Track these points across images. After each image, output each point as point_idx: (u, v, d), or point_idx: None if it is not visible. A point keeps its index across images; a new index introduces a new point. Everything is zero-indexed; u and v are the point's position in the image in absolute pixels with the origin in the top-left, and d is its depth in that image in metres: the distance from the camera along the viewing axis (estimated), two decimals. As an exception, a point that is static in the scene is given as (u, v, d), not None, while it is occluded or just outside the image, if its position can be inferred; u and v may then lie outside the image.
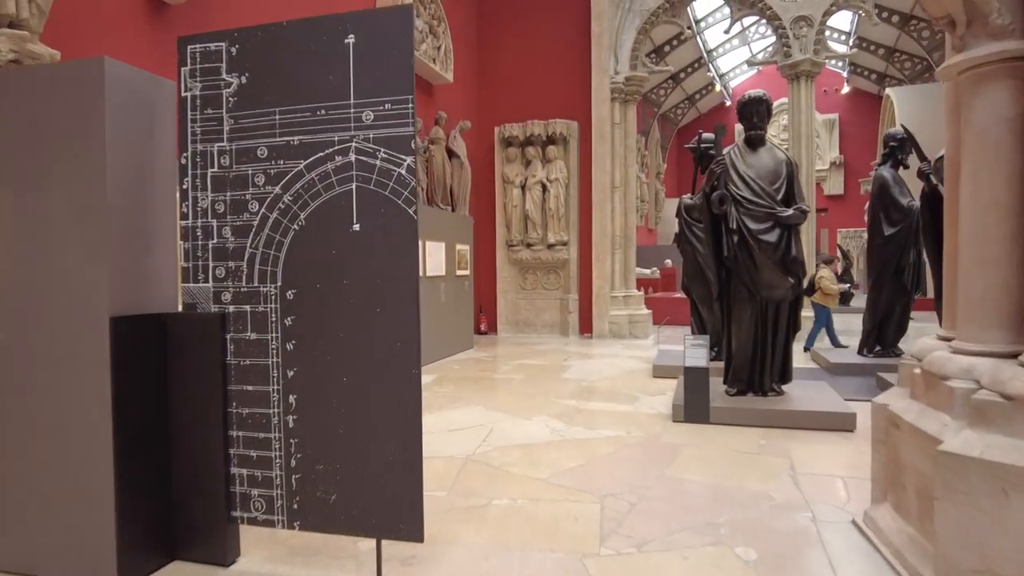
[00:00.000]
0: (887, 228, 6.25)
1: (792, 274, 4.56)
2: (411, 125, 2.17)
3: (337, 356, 2.26)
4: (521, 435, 4.18)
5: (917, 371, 2.47)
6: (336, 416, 2.27)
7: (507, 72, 10.33)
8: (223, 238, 2.38)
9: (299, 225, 2.30)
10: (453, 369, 6.89)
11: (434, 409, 4.95)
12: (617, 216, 9.68)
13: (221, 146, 2.38)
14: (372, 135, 2.21)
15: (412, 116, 2.18)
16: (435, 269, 7.46)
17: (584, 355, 7.99)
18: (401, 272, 2.19)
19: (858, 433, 4.19)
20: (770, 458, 3.69)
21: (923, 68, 17.29)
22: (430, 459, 3.65)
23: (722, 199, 4.55)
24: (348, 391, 2.26)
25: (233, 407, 2.38)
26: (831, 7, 8.63)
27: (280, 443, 2.34)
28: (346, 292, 2.24)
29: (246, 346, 2.37)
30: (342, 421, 2.27)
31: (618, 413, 4.81)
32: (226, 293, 2.39)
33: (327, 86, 2.27)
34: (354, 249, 2.23)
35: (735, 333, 4.74)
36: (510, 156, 10.04)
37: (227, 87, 2.37)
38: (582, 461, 3.62)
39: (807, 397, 4.68)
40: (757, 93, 4.68)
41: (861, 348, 6.70)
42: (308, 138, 2.29)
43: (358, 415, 2.25)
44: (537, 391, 5.65)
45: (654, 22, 9.41)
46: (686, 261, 6.63)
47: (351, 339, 2.24)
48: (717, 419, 4.44)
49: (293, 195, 2.30)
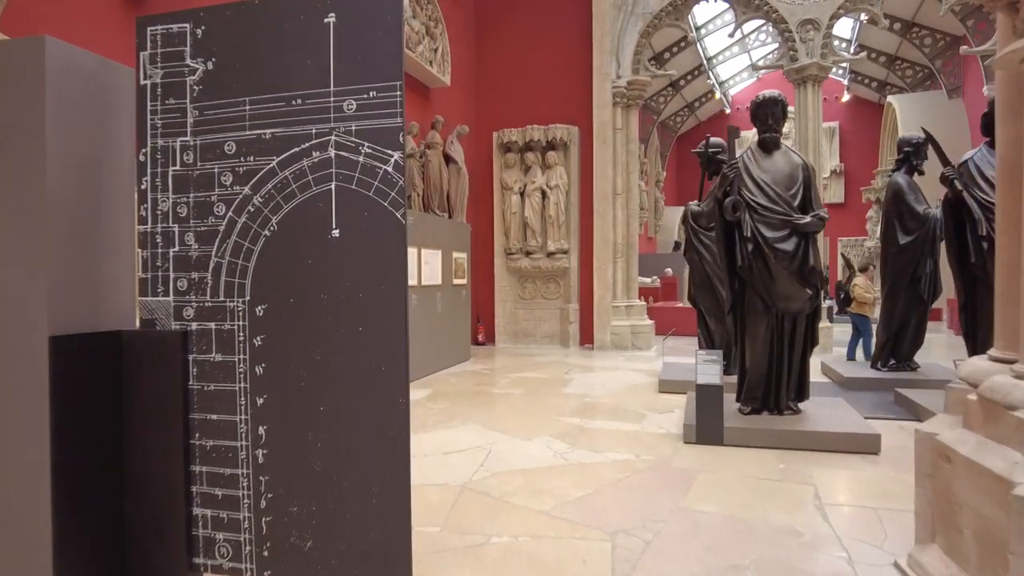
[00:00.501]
0: (902, 237, 5.99)
1: (810, 285, 4.28)
2: (399, 116, 1.89)
3: (313, 381, 1.97)
4: (521, 458, 3.88)
5: (972, 398, 2.18)
6: (312, 451, 1.97)
7: (506, 76, 10.08)
8: (186, 245, 2.09)
9: (271, 230, 2.01)
10: (449, 383, 6.59)
11: (428, 428, 4.65)
12: (619, 224, 9.41)
13: (184, 141, 2.09)
14: (355, 127, 1.93)
15: (400, 106, 1.89)
16: (431, 278, 7.17)
17: (586, 368, 7.69)
18: (387, 285, 1.90)
19: (883, 456, 3.90)
20: (792, 485, 3.40)
21: (925, 76, 17.13)
22: (422, 487, 3.36)
23: (736, 205, 4.28)
24: (325, 422, 1.96)
25: (196, 439, 2.08)
26: (838, 10, 8.41)
27: (248, 481, 2.04)
28: (323, 308, 1.95)
29: (211, 369, 2.07)
30: (319, 456, 1.97)
31: (625, 433, 4.51)
32: (188, 308, 2.09)
33: (304, 72, 1.98)
34: (333, 258, 1.94)
35: (749, 347, 4.46)
36: (509, 162, 9.77)
37: (191, 74, 2.08)
38: (589, 489, 3.32)
39: (825, 416, 4.39)
40: (772, 93, 4.42)
41: (875, 362, 6.42)
42: (282, 131, 2.00)
43: (337, 450, 1.95)
44: (537, 408, 5.34)
45: (657, 25, 9.18)
46: (693, 271, 6.35)
47: (329, 362, 1.95)
48: (731, 440, 4.15)
49: (264, 196, 2.01)
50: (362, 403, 1.92)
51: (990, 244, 4.36)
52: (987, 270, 4.41)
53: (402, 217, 1.88)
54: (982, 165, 4.50)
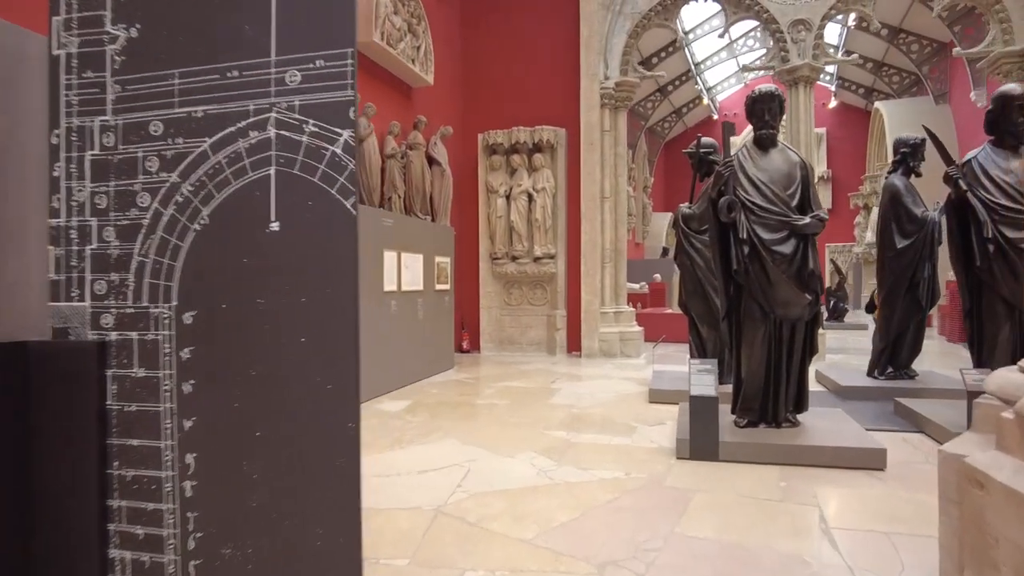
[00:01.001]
0: (900, 240, 5.79)
1: (810, 290, 4.04)
2: (351, 89, 1.60)
3: (248, 402, 1.67)
4: (503, 477, 3.59)
5: (1008, 416, 1.93)
6: (248, 484, 1.67)
7: (491, 76, 9.83)
8: (105, 242, 1.79)
9: (201, 224, 1.71)
10: (430, 393, 6.28)
11: (404, 443, 4.34)
12: (607, 228, 9.17)
13: (104, 120, 1.79)
14: (298, 102, 1.64)
15: (352, 77, 1.61)
16: (412, 283, 6.87)
17: (573, 376, 7.42)
18: (335, 288, 1.61)
19: (889, 472, 3.66)
20: (795, 506, 3.14)
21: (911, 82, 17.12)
22: (393, 511, 3.06)
23: (731, 206, 4.04)
24: (263, 450, 1.66)
25: (114, 468, 1.77)
26: (830, 10, 8.25)
27: (175, 518, 1.73)
28: (260, 315, 1.66)
29: (132, 386, 1.76)
30: (256, 491, 1.67)
31: (614, 448, 4.23)
32: (107, 315, 1.79)
33: (241, 39, 1.69)
34: (271, 256, 1.65)
35: (745, 356, 4.20)
36: (494, 164, 9.51)
37: (112, 42, 1.78)
38: (575, 513, 3.03)
39: (826, 429, 4.14)
40: (769, 88, 4.19)
41: (871, 370, 6.20)
42: (215, 108, 1.71)
43: (276, 482, 1.65)
44: (522, 420, 5.06)
45: (645, 25, 8.97)
46: (684, 276, 6.10)
47: (267, 379, 1.65)
48: (727, 456, 3.89)
49: (194, 184, 1.72)
50: (305, 428, 1.63)
51: (996, 247, 4.15)
52: (994, 274, 4.20)
53: (352, 207, 1.59)
54: (986, 164, 4.30)
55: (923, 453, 4.05)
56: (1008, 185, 4.18)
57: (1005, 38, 7.85)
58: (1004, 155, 4.29)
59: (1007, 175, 4.21)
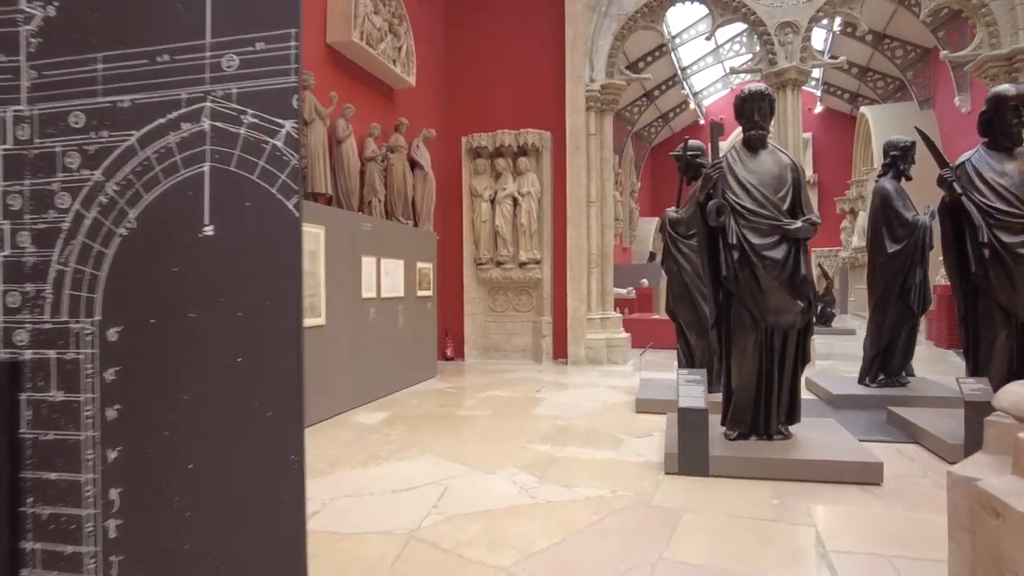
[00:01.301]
0: (891, 245, 5.67)
1: (802, 296, 3.89)
2: (294, 74, 1.41)
3: (180, 430, 1.47)
4: (482, 497, 3.39)
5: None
6: (179, 523, 1.47)
7: (475, 78, 9.66)
8: (19, 248, 1.58)
9: (128, 228, 1.51)
10: (410, 404, 6.07)
11: (380, 460, 4.13)
12: (594, 233, 9.01)
13: (18, 111, 1.59)
14: (235, 90, 1.45)
15: (296, 60, 1.42)
16: (392, 290, 6.66)
17: (559, 385, 7.23)
18: (275, 300, 1.42)
19: (886, 487, 3.50)
20: (789, 527, 2.96)
21: (896, 87, 17.20)
22: (362, 536, 2.85)
23: (720, 209, 3.88)
24: (195, 484, 1.46)
25: (28, 505, 1.56)
26: (817, 13, 8.17)
27: (97, 562, 1.52)
28: (193, 331, 1.46)
29: (49, 412, 1.55)
30: (188, 531, 1.46)
31: (600, 462, 4.05)
32: (22, 331, 1.58)
33: (172, 19, 1.50)
34: (205, 264, 1.45)
35: (736, 366, 4.04)
36: (478, 168, 9.33)
37: (27, 22, 1.58)
38: (557, 537, 2.84)
39: (819, 441, 3.99)
40: (759, 87, 4.04)
41: (863, 377, 6.07)
42: (144, 97, 1.51)
43: (210, 521, 1.45)
44: (505, 432, 4.86)
45: (631, 27, 8.85)
46: (671, 282, 5.94)
47: (200, 405, 1.45)
48: (717, 471, 3.72)
49: (120, 183, 1.52)
50: (242, 460, 1.43)
51: (992, 252, 4.02)
52: (990, 280, 4.07)
53: (295, 208, 1.40)
54: (980, 167, 4.17)
55: (920, 466, 3.91)
56: (1003, 188, 4.06)
57: (992, 41, 7.80)
58: (998, 157, 4.17)
59: (1002, 178, 4.09)
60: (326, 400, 5.34)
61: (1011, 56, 7.63)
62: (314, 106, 6.10)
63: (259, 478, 1.41)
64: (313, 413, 5.17)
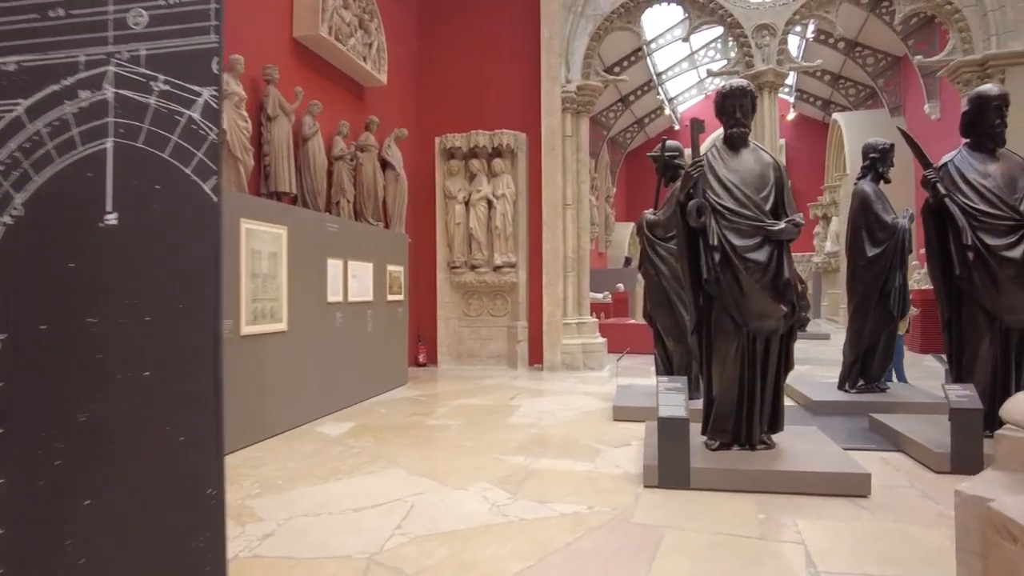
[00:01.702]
0: (870, 248, 5.59)
1: (785, 300, 3.75)
2: (214, 32, 1.19)
3: (75, 459, 1.22)
4: (451, 515, 3.16)
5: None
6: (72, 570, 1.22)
7: (449, 77, 9.44)
8: None
9: (13, 216, 1.27)
10: (379, 413, 5.81)
11: (342, 474, 3.87)
12: (570, 236, 8.84)
13: None
14: (144, 52, 1.22)
15: (216, 17, 1.19)
16: (360, 293, 6.40)
17: (535, 391, 7.03)
18: (191, 301, 1.19)
19: (874, 498, 3.36)
20: (777, 544, 2.79)
21: (867, 94, 17.43)
22: (318, 560, 2.61)
23: (700, 209, 3.72)
24: (93, 523, 1.22)
25: None
26: (794, 16, 8.14)
27: (-25, 617, 1.27)
28: (92, 340, 1.22)
29: (-80, 436, 1.29)
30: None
31: (576, 475, 3.85)
32: None
33: (71, -33, 1.26)
34: (107, 259, 1.22)
35: (717, 373, 3.88)
36: (452, 169, 9.11)
37: None
38: (530, 560, 2.63)
39: (804, 451, 3.84)
40: (740, 83, 3.90)
41: (842, 383, 5.98)
42: (34, 59, 1.27)
43: (112, 569, 1.21)
44: (478, 444, 4.63)
45: (608, 28, 8.72)
46: (649, 286, 5.78)
47: (99, 427, 1.21)
48: (699, 483, 3.54)
49: (5, 162, 1.27)
50: (149, 495, 1.19)
51: (976, 255, 3.93)
52: (974, 283, 3.97)
53: (213, 192, 1.17)
54: (964, 168, 4.09)
55: (906, 476, 3.78)
56: (986, 189, 3.97)
57: (964, 47, 7.84)
58: (981, 158, 4.08)
59: (985, 179, 4.00)
60: (287, 410, 5.05)
61: (984, 62, 7.67)
62: (278, 101, 5.82)
63: (170, 517, 1.18)
64: (273, 423, 4.89)
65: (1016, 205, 3.91)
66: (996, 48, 7.62)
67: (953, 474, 3.74)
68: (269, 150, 5.79)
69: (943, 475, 3.76)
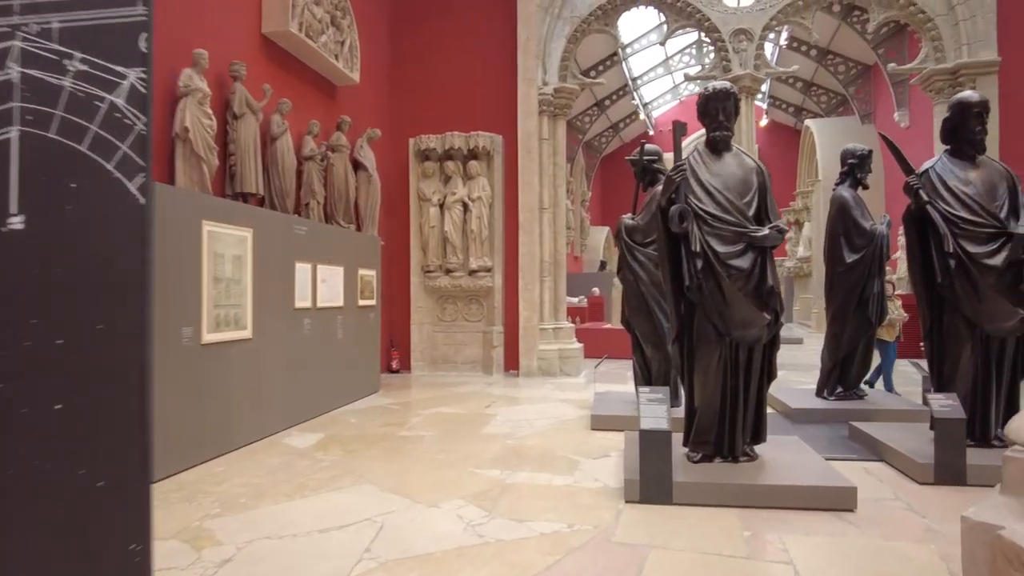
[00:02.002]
0: (849, 255, 5.56)
1: (769, 308, 3.66)
2: (141, 4, 1.01)
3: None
4: (423, 536, 2.99)
5: (1060, 480, 1.51)
6: (-32, 640, 1.03)
7: (424, 77, 9.26)
8: None
9: (-100, 218, 1.07)
10: (348, 424, 5.59)
11: (308, 491, 3.67)
12: (546, 240, 8.72)
13: None
14: (57, 24, 1.03)
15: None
16: (330, 298, 6.17)
17: (511, 399, 6.87)
18: (112, 321, 1.00)
19: (860, 513, 3.27)
20: (766, 565, 2.68)
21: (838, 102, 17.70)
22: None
23: (682, 215, 3.61)
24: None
25: None
26: (771, 21, 8.14)
27: None
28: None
29: None
30: (-19, 652, 1.02)
31: (555, 490, 3.70)
32: None
33: (-27, -74, 1.07)
34: (11, 272, 1.03)
35: (699, 383, 3.77)
36: (427, 171, 8.92)
37: None
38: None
39: (787, 463, 3.75)
40: (723, 85, 3.81)
41: (820, 390, 5.94)
42: (-72, 34, 1.07)
43: (14, 640, 1.01)
44: (452, 456, 4.46)
45: (585, 30, 8.64)
46: (628, 292, 5.67)
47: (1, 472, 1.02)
48: (682, 498, 3.42)
49: None
50: (61, 549, 1.00)
51: (958, 262, 3.88)
52: (955, 291, 3.93)
53: (139, 192, 0.99)
54: (944, 175, 4.05)
55: (891, 487, 3.71)
56: (967, 197, 3.94)
57: (937, 56, 7.93)
58: (962, 165, 4.05)
59: (966, 186, 3.97)
60: (252, 421, 4.82)
61: (955, 70, 7.76)
62: (245, 99, 5.58)
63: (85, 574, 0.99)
64: (237, 436, 4.65)
65: (997, 212, 3.89)
66: (967, 57, 7.71)
67: (937, 485, 3.69)
68: (235, 149, 5.54)
69: (927, 486, 3.70)
